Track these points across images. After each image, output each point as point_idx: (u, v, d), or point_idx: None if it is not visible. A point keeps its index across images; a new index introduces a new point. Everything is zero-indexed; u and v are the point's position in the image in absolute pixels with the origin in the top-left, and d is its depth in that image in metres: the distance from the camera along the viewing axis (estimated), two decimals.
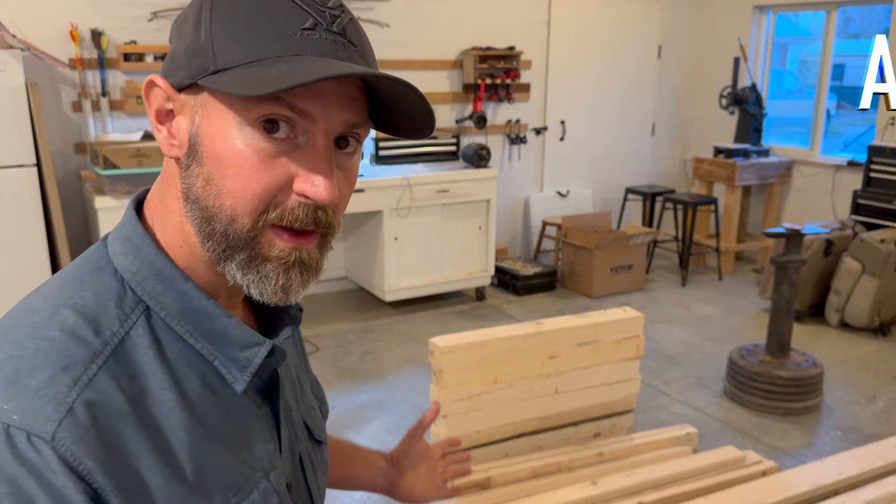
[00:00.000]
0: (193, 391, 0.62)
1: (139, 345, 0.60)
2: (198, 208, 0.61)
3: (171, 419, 0.60)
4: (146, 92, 0.63)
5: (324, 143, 0.60)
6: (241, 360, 0.64)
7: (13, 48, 3.40)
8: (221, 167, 0.59)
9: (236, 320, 0.65)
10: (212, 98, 0.59)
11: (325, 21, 0.59)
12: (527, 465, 2.80)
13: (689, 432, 3.12)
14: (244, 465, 0.65)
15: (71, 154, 4.17)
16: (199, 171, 0.60)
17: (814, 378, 3.47)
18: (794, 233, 3.48)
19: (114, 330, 0.60)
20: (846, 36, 17.42)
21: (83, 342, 0.58)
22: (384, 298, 4.62)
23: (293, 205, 0.60)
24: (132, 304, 0.62)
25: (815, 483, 2.63)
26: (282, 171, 0.59)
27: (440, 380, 2.73)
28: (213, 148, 0.59)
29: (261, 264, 0.61)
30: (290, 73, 0.55)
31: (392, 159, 4.81)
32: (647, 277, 5.55)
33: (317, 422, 0.82)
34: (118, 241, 0.65)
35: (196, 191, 0.61)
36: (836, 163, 5.47)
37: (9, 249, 3.47)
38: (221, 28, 0.59)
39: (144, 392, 0.59)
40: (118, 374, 0.58)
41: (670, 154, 6.47)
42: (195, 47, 0.60)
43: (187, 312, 0.63)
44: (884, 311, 4.48)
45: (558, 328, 2.89)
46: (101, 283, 0.62)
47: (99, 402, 0.56)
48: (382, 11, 4.83)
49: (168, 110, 0.63)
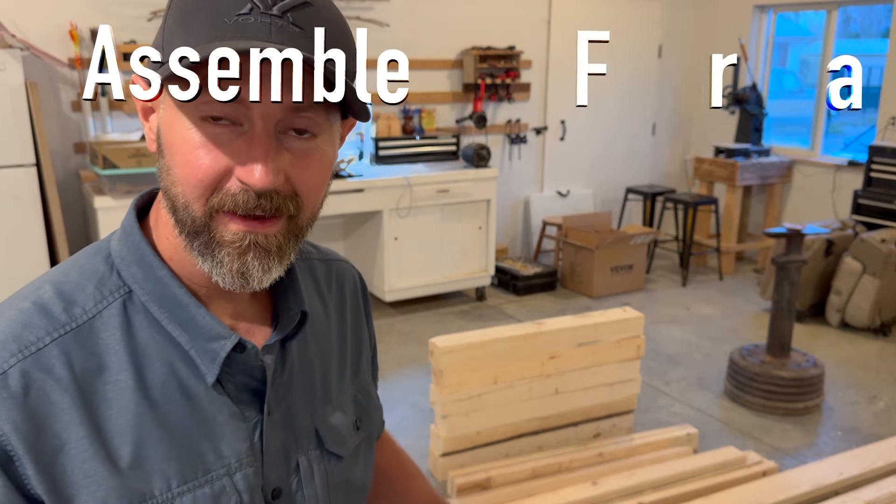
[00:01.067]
0: (156, 376, 0.63)
1: (109, 325, 0.63)
2: (167, 198, 0.63)
3: (122, 399, 0.61)
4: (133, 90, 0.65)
5: (262, 128, 0.59)
6: (210, 351, 0.65)
7: (13, 48, 3.39)
8: (173, 156, 0.61)
9: (205, 311, 0.65)
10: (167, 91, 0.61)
11: (263, 4, 0.59)
12: (527, 466, 2.80)
13: (689, 433, 3.11)
14: (198, 457, 0.64)
15: (70, 154, 4.17)
16: (164, 162, 0.63)
17: (814, 378, 3.47)
18: (794, 233, 3.47)
19: (86, 308, 0.63)
20: (847, 36, 17.41)
21: (48, 316, 0.62)
22: (384, 298, 4.61)
23: (234, 190, 0.60)
24: (114, 286, 0.65)
25: (816, 483, 2.62)
26: (223, 158, 0.60)
27: (440, 380, 2.72)
28: (167, 139, 0.62)
29: (215, 249, 0.62)
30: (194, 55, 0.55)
31: (392, 159, 4.81)
32: (648, 277, 5.55)
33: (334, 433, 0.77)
34: (119, 230, 0.69)
35: (164, 182, 0.63)
36: (836, 163, 5.47)
37: (8, 249, 3.47)
38: (173, 22, 0.61)
39: (101, 369, 0.61)
40: (73, 349, 0.61)
41: (671, 154, 6.47)
42: (158, 42, 0.62)
43: (164, 299, 0.65)
44: (884, 312, 4.47)
45: (558, 328, 2.89)
46: (91, 266, 0.66)
47: (36, 372, 0.59)
48: (382, 11, 4.83)
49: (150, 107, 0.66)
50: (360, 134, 4.72)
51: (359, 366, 0.85)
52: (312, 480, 0.74)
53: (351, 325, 0.85)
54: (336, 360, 0.80)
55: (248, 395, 0.68)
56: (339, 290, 0.85)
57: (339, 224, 4.97)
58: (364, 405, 0.84)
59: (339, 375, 0.80)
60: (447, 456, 2.80)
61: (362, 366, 0.86)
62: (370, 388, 0.88)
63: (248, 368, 0.67)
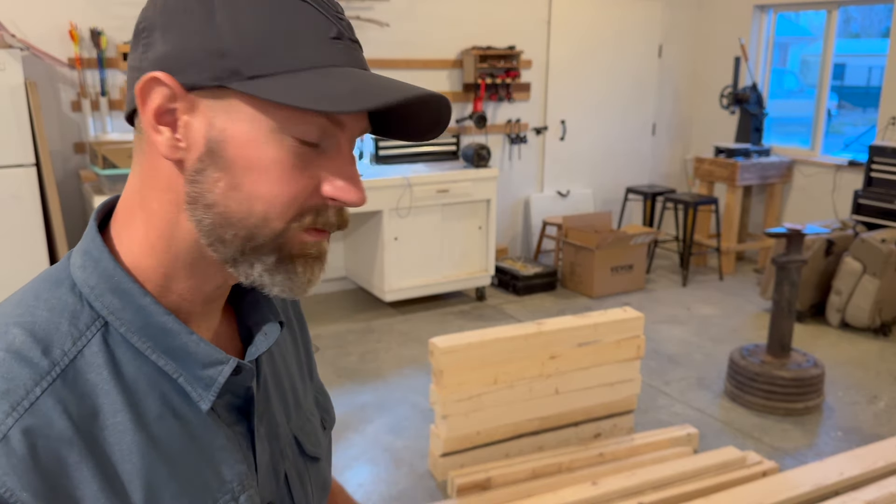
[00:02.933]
0: (151, 412, 0.60)
1: (93, 364, 0.58)
2: (215, 213, 0.59)
3: (123, 442, 0.57)
4: (146, 89, 0.58)
5: (348, 148, 0.61)
6: (205, 378, 0.62)
7: (12, 48, 3.39)
8: (254, 173, 0.58)
9: (197, 337, 0.62)
10: (242, 103, 0.57)
11: (346, 30, 0.60)
12: (527, 466, 2.80)
13: (689, 433, 3.11)
14: (205, 488, 0.62)
15: (70, 154, 4.17)
16: (220, 175, 0.58)
17: (815, 378, 3.47)
18: (794, 233, 3.47)
19: (65, 349, 0.57)
20: (847, 35, 17.39)
21: (28, 363, 0.56)
22: (384, 298, 4.61)
23: (324, 208, 0.61)
24: (88, 320, 0.59)
25: (816, 483, 2.63)
26: (312, 177, 0.59)
27: (440, 380, 2.72)
28: (244, 153, 0.57)
29: (290, 264, 0.61)
30: (362, 91, 0.56)
31: (392, 159, 4.80)
32: (648, 277, 5.55)
33: (311, 436, 0.79)
34: (78, 254, 0.63)
35: (213, 196, 0.58)
36: (836, 163, 5.46)
37: (8, 249, 3.47)
38: (250, 28, 0.56)
39: (95, 414, 0.57)
40: (65, 396, 0.56)
41: (671, 154, 6.47)
42: (216, 46, 0.56)
43: (147, 328, 0.60)
44: (885, 311, 4.47)
45: (559, 328, 2.89)
46: (57, 299, 0.60)
47: (39, 429, 0.54)
48: (382, 11, 4.83)
49: (170, 109, 0.59)
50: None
51: (311, 366, 0.86)
52: (302, 488, 0.74)
53: (297, 326, 0.85)
54: (295, 364, 0.81)
55: (235, 415, 0.66)
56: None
57: None
58: (324, 404, 0.86)
59: (301, 380, 0.81)
60: (447, 456, 2.80)
61: (313, 365, 0.87)
62: (321, 385, 0.89)
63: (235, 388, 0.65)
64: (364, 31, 4.80)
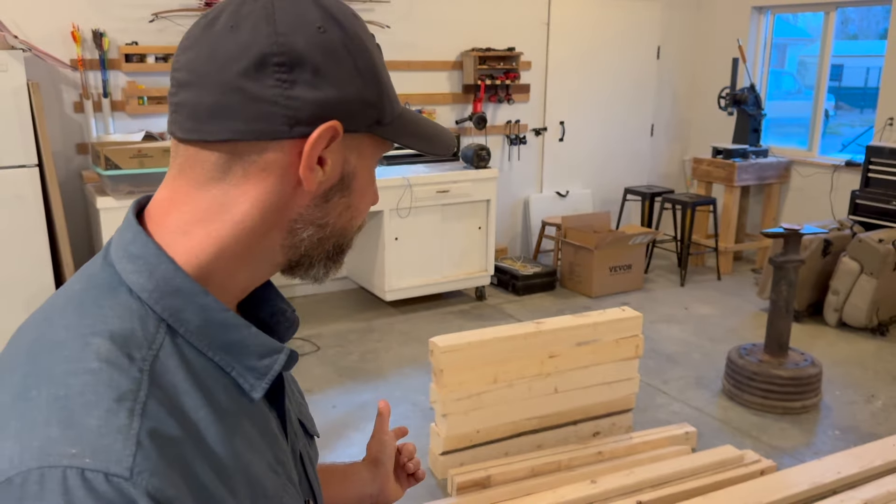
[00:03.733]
0: (223, 404, 0.62)
1: (168, 365, 0.59)
2: (327, 230, 0.68)
3: (212, 436, 0.59)
4: (324, 136, 0.62)
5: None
6: (260, 368, 0.65)
7: (15, 49, 3.41)
8: (364, 195, 0.69)
9: (255, 329, 0.65)
10: (370, 143, 0.67)
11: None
12: (526, 464, 2.82)
13: (687, 431, 3.13)
14: (272, 470, 0.65)
15: (73, 154, 4.19)
16: (345, 200, 0.67)
17: (812, 377, 3.49)
18: (792, 233, 3.49)
19: (143, 354, 0.58)
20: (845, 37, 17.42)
21: (123, 371, 0.56)
22: (384, 298, 4.63)
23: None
24: (155, 324, 0.61)
25: (814, 482, 2.64)
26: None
27: (440, 379, 2.74)
28: (361, 181, 0.68)
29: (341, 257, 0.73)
30: (439, 136, 0.74)
31: (392, 159, 4.82)
32: (646, 277, 5.57)
33: (308, 417, 0.84)
34: (127, 259, 0.63)
35: (332, 217, 0.67)
36: (834, 163, 5.49)
37: (11, 250, 3.48)
38: (385, 83, 0.67)
39: (184, 412, 0.58)
40: (162, 398, 0.57)
41: (669, 154, 6.49)
42: (366, 97, 0.64)
43: (207, 326, 0.62)
44: (882, 311, 4.49)
45: (558, 328, 2.90)
46: (121, 305, 0.61)
47: (158, 430, 0.55)
48: (383, 12, 4.84)
49: (325, 155, 0.64)
50: None
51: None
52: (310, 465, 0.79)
53: None
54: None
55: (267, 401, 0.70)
56: None
57: None
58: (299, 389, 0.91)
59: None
60: (447, 454, 2.81)
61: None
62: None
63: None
64: None
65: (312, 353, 4.07)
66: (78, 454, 0.51)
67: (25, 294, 3.49)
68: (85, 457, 0.51)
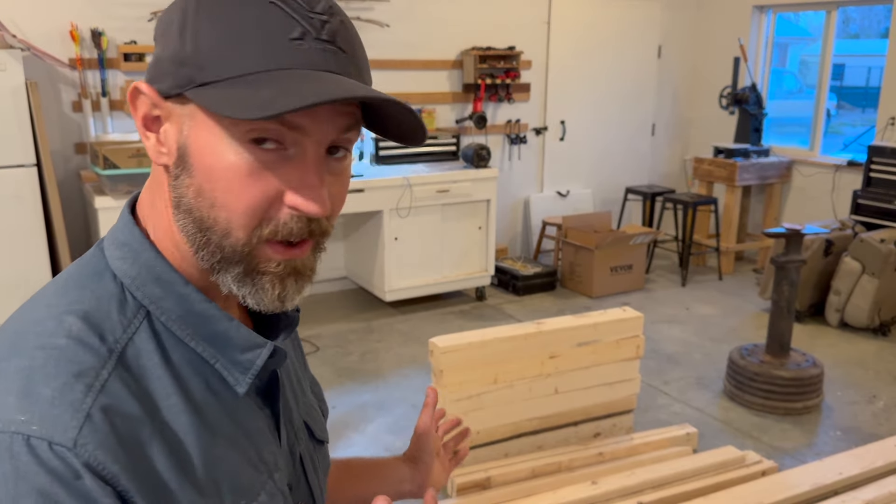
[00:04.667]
0: (198, 394, 0.62)
1: (143, 350, 0.60)
2: (191, 219, 0.60)
3: (179, 423, 0.59)
4: (132, 98, 0.61)
5: (314, 154, 0.59)
6: (243, 362, 0.64)
7: (13, 48, 3.40)
8: (212, 180, 0.58)
9: (237, 322, 0.64)
10: (199, 110, 0.58)
11: (314, 28, 0.57)
12: (527, 465, 2.81)
13: (689, 432, 3.12)
14: (251, 466, 0.64)
15: (71, 154, 4.18)
16: (190, 181, 0.59)
17: (814, 378, 3.47)
18: (793, 233, 3.48)
19: (116, 336, 0.59)
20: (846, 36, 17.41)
21: (90, 349, 0.58)
22: (384, 298, 4.62)
23: (286, 219, 0.59)
24: (134, 309, 0.61)
25: (815, 483, 2.63)
26: (272, 185, 0.58)
27: (440, 380, 2.73)
28: (204, 160, 0.58)
29: (256, 278, 0.61)
30: (281, 96, 0.54)
31: (392, 159, 4.81)
32: (647, 277, 5.55)
33: (317, 421, 0.83)
34: (115, 246, 0.64)
35: (188, 201, 0.60)
36: (835, 163, 5.47)
37: (9, 249, 3.47)
38: (207, 36, 0.57)
39: (152, 396, 0.59)
40: (127, 379, 0.58)
41: (670, 154, 6.47)
42: (182, 55, 0.58)
43: (188, 316, 0.63)
44: (884, 311, 4.48)
45: (558, 328, 2.89)
46: (102, 289, 0.62)
47: (114, 407, 0.56)
48: (382, 11, 4.83)
49: (155, 116, 0.61)
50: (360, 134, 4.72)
51: (303, 357, 0.89)
52: (312, 469, 0.78)
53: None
54: (293, 355, 0.84)
55: (261, 399, 0.69)
56: None
57: (340, 224, 4.97)
58: (319, 394, 0.89)
59: (301, 369, 0.85)
60: None
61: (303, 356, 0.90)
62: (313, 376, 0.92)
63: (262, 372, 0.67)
64: (364, 32, 4.81)
65: (312, 353, 4.06)
66: (26, 421, 0.53)
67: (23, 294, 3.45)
68: (33, 424, 0.53)
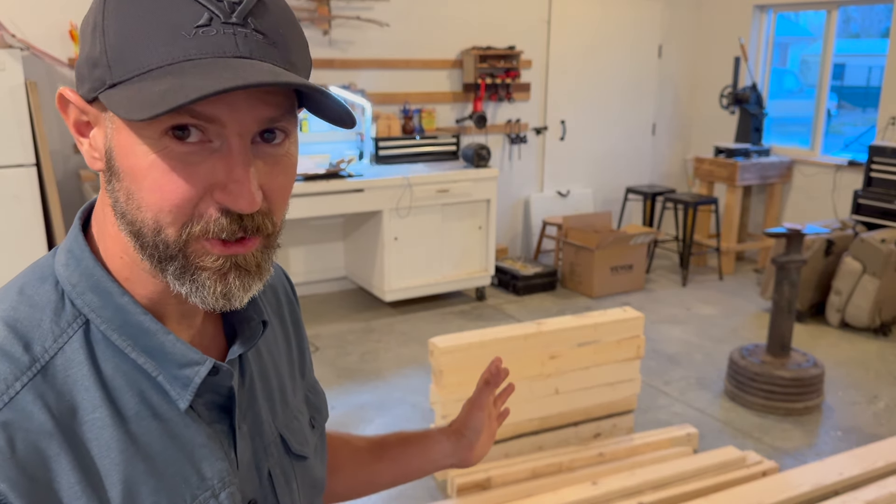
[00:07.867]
0: (129, 409, 0.60)
1: (73, 360, 0.59)
2: (126, 222, 0.58)
3: (102, 438, 0.58)
4: (60, 106, 0.60)
5: (238, 146, 0.56)
6: (182, 378, 0.62)
7: (12, 48, 3.39)
8: (137, 181, 0.56)
9: (174, 337, 0.62)
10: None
11: (222, 13, 0.54)
12: (527, 466, 2.80)
13: (689, 432, 3.12)
14: (184, 484, 0.62)
15: (70, 154, 4.17)
16: (119, 185, 0.58)
17: (814, 378, 3.47)
18: (794, 233, 3.47)
19: (46, 346, 0.58)
20: (847, 36, 17.41)
21: (10, 358, 0.56)
22: (384, 298, 4.61)
23: (216, 215, 0.57)
24: (70, 317, 0.60)
25: (816, 483, 2.63)
26: (197, 179, 0.56)
27: (440, 380, 2.72)
28: (126, 162, 0.56)
29: (195, 273, 0.58)
30: (172, 91, 0.51)
31: (392, 159, 4.81)
32: (648, 277, 5.55)
33: (297, 434, 0.78)
34: (63, 252, 0.63)
35: (121, 205, 0.58)
36: (836, 163, 5.47)
37: (8, 249, 3.47)
38: (114, 34, 0.54)
39: (75, 409, 0.57)
40: (45, 391, 0.56)
41: (671, 154, 6.47)
42: (93, 56, 0.56)
43: (126, 327, 0.61)
44: (885, 311, 4.47)
45: (559, 328, 2.89)
46: (40, 296, 0.61)
47: (17, 422, 0.54)
48: (382, 11, 4.83)
49: (85, 122, 0.60)
50: (360, 134, 4.72)
51: (304, 365, 0.87)
52: (286, 486, 0.74)
53: (291, 325, 0.86)
54: (286, 363, 0.81)
55: (217, 413, 0.66)
56: (274, 293, 0.84)
57: (339, 224, 4.97)
58: (315, 403, 0.86)
59: (290, 378, 0.82)
60: None
61: (306, 364, 0.88)
62: (315, 383, 0.90)
63: (216, 386, 0.65)
64: (364, 32, 4.81)
65: (312, 353, 4.04)
66: None
67: None
68: None
